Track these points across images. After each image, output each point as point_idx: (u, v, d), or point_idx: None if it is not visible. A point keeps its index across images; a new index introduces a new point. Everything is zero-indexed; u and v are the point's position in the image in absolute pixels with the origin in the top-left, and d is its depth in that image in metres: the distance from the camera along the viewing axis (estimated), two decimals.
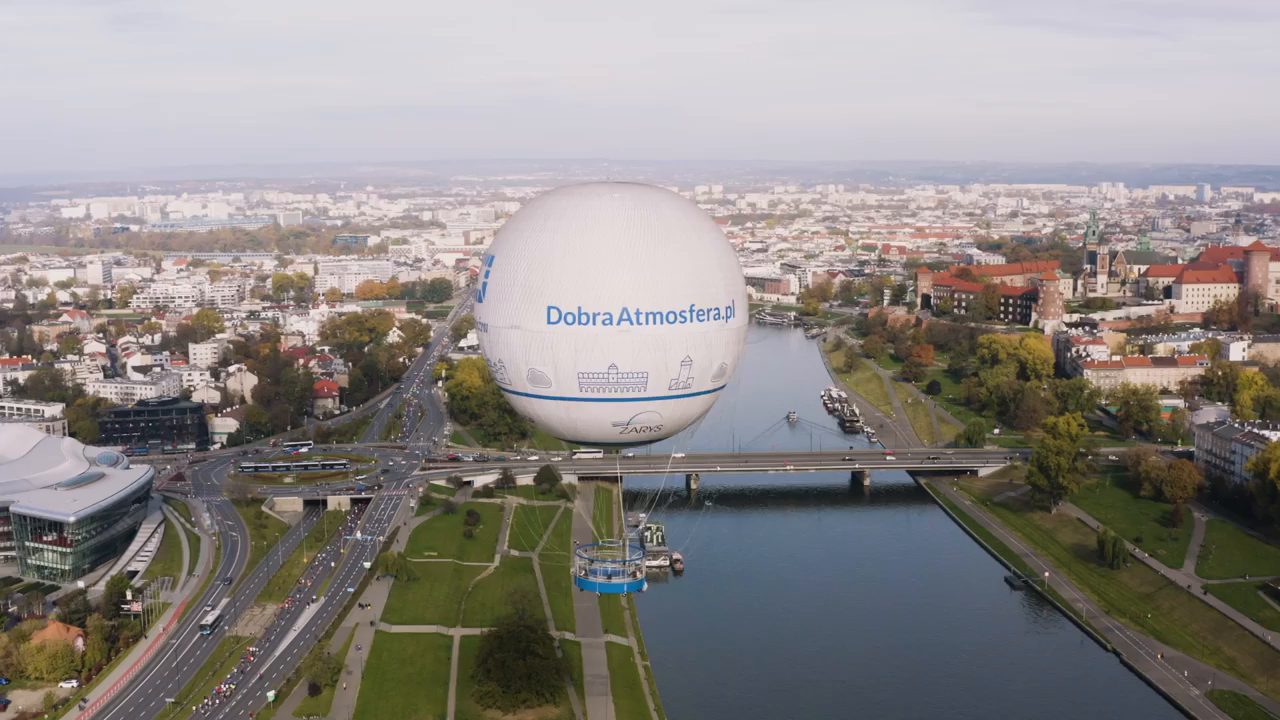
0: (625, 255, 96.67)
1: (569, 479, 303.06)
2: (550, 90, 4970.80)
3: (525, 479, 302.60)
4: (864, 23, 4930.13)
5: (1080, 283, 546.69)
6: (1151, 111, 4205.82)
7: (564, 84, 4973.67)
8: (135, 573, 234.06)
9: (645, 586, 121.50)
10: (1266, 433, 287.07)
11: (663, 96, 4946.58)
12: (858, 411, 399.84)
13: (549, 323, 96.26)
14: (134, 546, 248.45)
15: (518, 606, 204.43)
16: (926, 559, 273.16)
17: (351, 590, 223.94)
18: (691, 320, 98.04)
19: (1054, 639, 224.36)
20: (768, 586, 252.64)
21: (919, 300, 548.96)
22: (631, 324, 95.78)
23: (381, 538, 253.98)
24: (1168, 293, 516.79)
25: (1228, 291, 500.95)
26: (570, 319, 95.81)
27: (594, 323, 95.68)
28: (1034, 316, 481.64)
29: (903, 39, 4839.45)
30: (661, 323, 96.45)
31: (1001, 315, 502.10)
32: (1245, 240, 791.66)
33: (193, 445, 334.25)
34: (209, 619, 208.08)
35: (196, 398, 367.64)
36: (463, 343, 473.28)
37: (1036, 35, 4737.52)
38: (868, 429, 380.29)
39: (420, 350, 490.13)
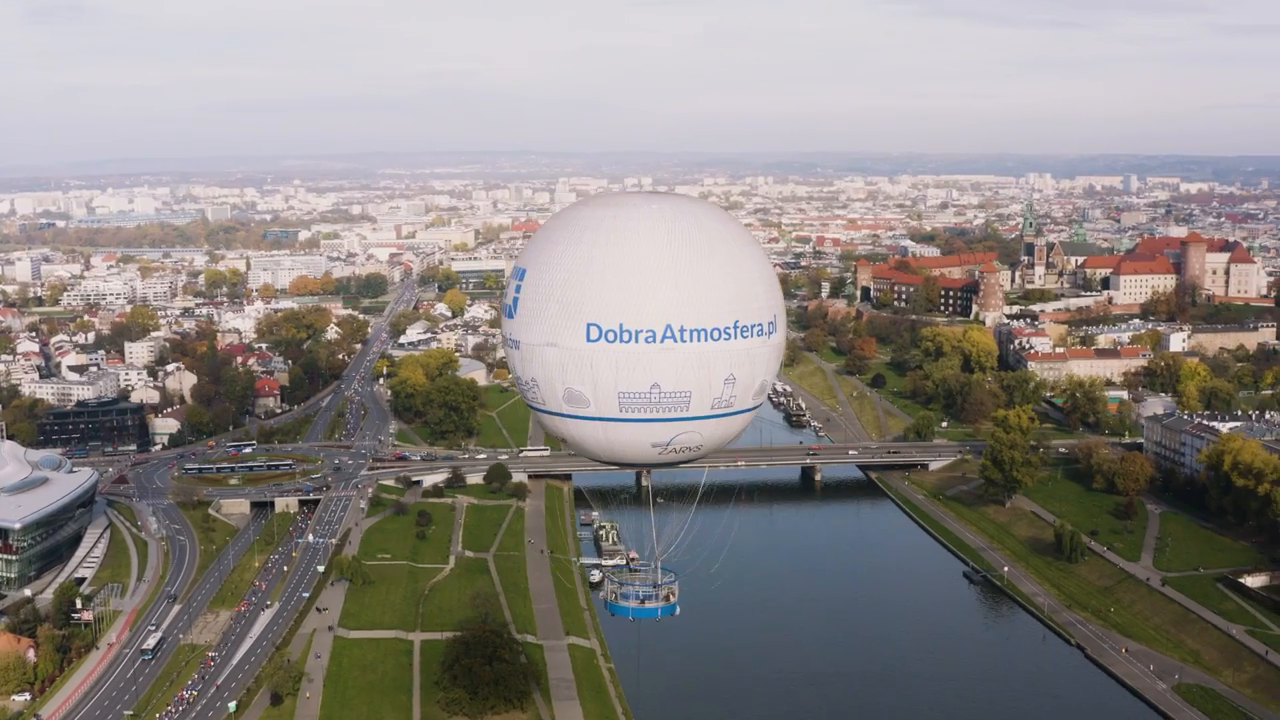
0: (668, 270, 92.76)
1: (519, 477, 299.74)
2: (477, 82, 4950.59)
3: (475, 478, 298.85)
4: (791, 14, 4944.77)
5: (1018, 274, 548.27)
6: (1076, 103, 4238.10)
7: (491, 76, 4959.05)
8: (83, 579, 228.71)
9: (678, 610, 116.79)
10: (1216, 424, 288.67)
11: (590, 88, 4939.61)
12: (804, 406, 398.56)
13: (588, 340, 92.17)
14: (80, 553, 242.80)
15: (480, 611, 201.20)
16: (883, 554, 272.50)
17: (306, 595, 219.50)
18: (736, 337, 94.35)
19: (1017, 634, 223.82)
20: (726, 584, 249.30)
21: (859, 293, 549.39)
22: (675, 342, 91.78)
23: (333, 540, 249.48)
24: (1105, 284, 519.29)
25: (1165, 282, 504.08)
26: (611, 337, 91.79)
27: (636, 340, 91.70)
28: (975, 308, 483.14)
29: (829, 31, 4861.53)
30: (706, 340, 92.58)
31: (942, 307, 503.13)
32: (1176, 230, 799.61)
33: (134, 447, 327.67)
34: (150, 642, 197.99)
35: (135, 398, 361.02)
36: (403, 339, 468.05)
37: (962, 27, 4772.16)
38: (814, 423, 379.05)
39: (359, 347, 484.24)
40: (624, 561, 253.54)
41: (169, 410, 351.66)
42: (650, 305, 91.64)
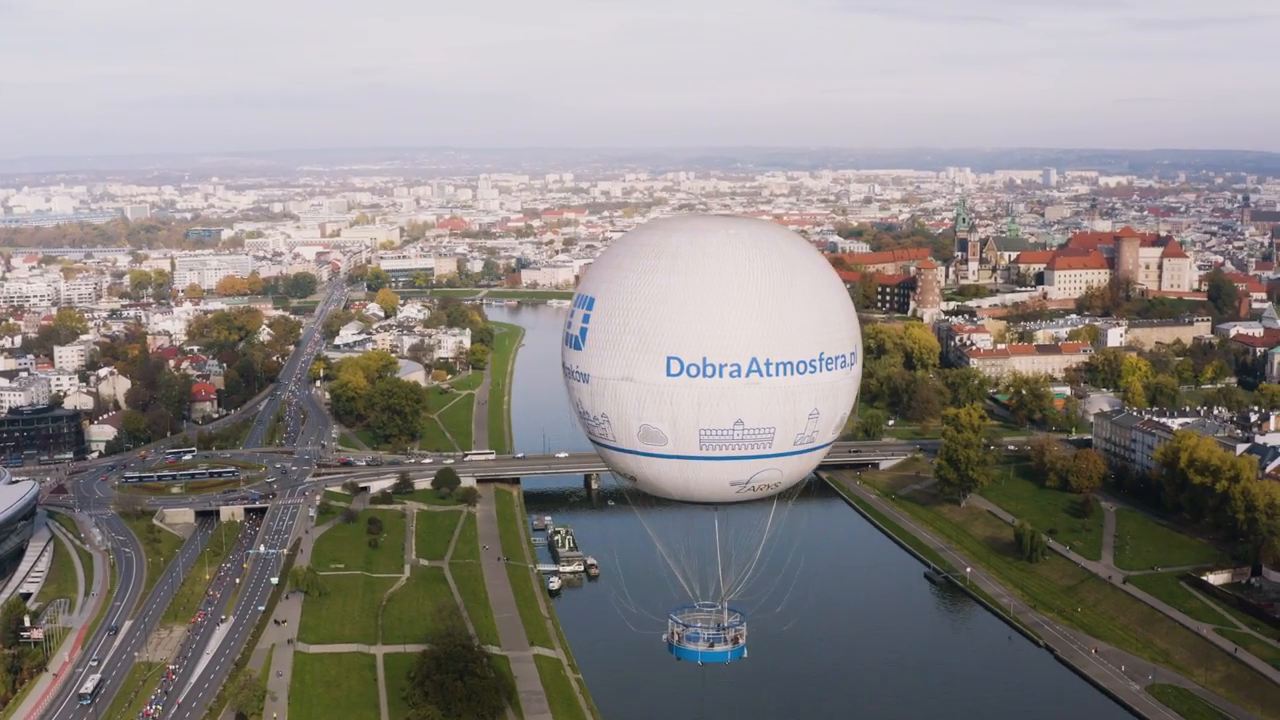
0: (753, 300, 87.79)
1: (468, 482, 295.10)
2: (394, 78, 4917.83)
3: (423, 483, 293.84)
4: (709, 9, 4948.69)
5: (952, 270, 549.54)
6: (993, 97, 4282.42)
7: (408, 72, 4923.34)
8: (28, 595, 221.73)
9: (746, 653, 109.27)
10: (1166, 421, 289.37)
11: (509, 84, 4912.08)
12: None
13: (669, 375, 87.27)
14: (23, 567, 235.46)
15: (446, 624, 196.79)
16: (840, 555, 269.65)
17: (262, 609, 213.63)
18: (821, 370, 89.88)
19: (983, 636, 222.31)
20: (684, 587, 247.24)
21: None
22: (761, 376, 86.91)
23: (284, 551, 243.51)
24: (1039, 279, 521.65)
25: (1099, 277, 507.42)
26: (694, 371, 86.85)
27: (720, 375, 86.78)
28: (912, 305, 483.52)
29: (747, 25, 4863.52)
30: (792, 374, 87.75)
31: (879, 304, 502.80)
32: (1101, 225, 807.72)
33: (70, 455, 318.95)
34: (88, 685, 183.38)
35: (68, 403, 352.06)
36: (338, 340, 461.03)
37: (879, 22, 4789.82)
38: None
39: (291, 348, 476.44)
40: (582, 568, 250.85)
41: (105, 416, 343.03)
42: (735, 338, 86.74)
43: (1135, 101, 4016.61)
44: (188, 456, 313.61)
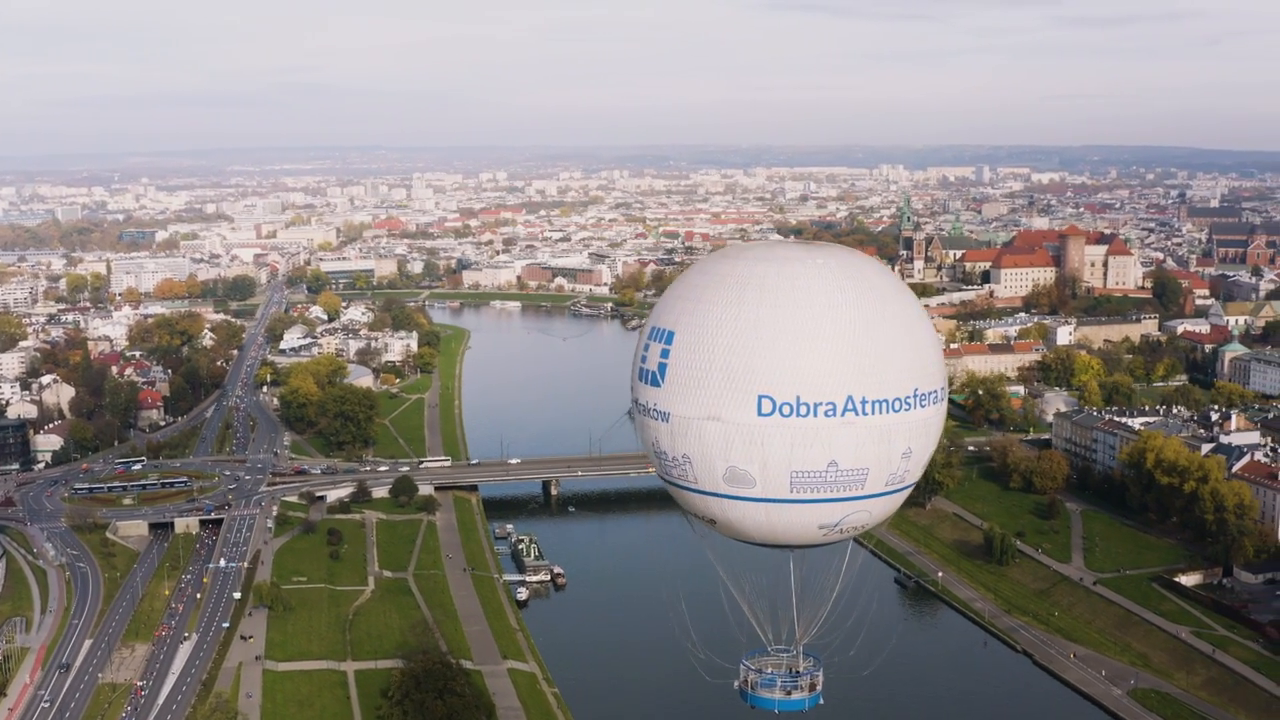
0: (847, 335, 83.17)
1: (425, 489, 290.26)
2: (324, 77, 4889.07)
3: (380, 491, 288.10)
4: (639, 7, 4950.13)
5: (897, 269, 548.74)
6: (923, 94, 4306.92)
7: (337, 71, 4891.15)
8: None
9: (823, 700, 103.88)
10: (1127, 420, 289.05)
11: (438, 82, 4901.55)
12: None
13: (760, 415, 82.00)
14: None
15: (421, 640, 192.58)
16: (806, 558, 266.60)
17: (226, 625, 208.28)
18: (915, 407, 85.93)
19: (959, 641, 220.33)
20: (652, 593, 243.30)
21: None
22: (856, 415, 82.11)
23: (244, 564, 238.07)
24: (985, 277, 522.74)
25: (1045, 275, 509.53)
26: (787, 410, 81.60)
27: (815, 414, 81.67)
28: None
29: (677, 24, 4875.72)
30: (887, 412, 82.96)
31: None
32: (1039, 221, 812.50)
33: (16, 466, 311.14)
34: None
35: (11, 412, 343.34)
36: (283, 345, 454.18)
37: (809, 20, 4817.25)
38: None
39: (235, 353, 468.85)
40: (549, 577, 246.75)
41: (50, 426, 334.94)
42: (830, 375, 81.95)
43: (1064, 98, 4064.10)
44: (137, 466, 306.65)
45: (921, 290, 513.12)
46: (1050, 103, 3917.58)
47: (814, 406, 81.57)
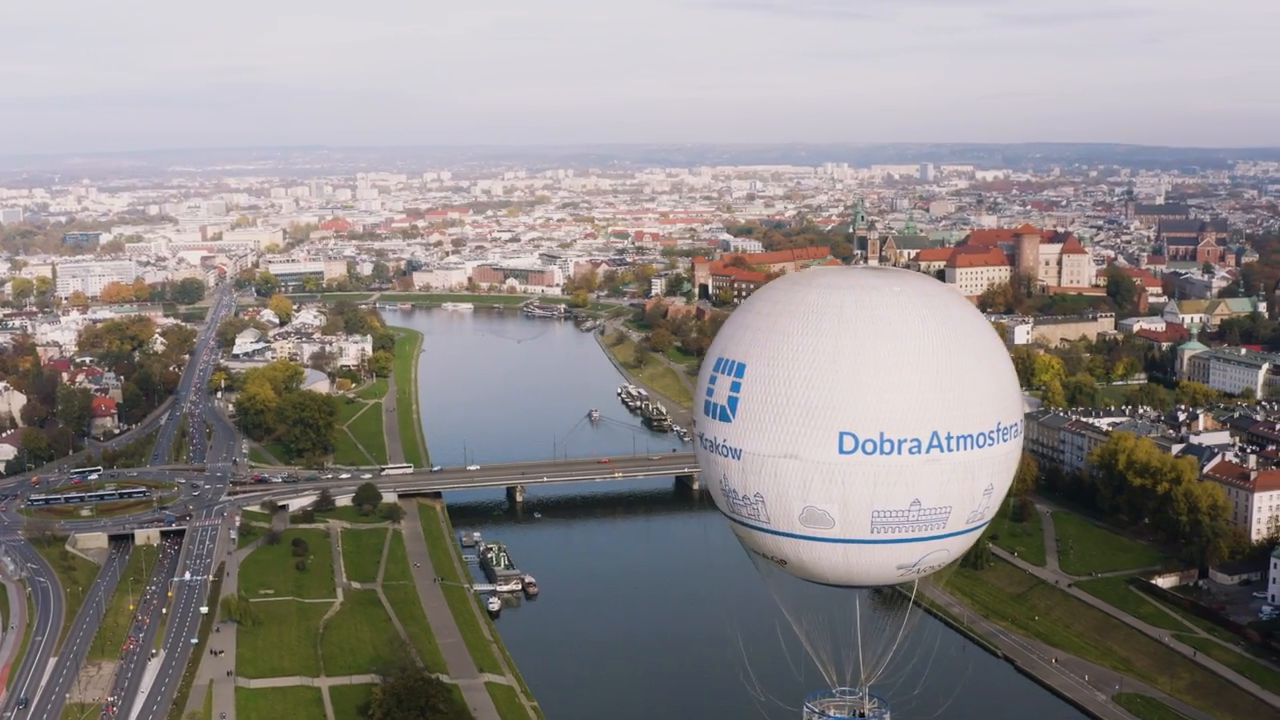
0: (930, 368, 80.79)
1: (389, 497, 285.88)
2: (266, 76, 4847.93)
3: (344, 499, 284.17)
4: (582, 6, 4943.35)
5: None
6: (865, 92, 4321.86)
7: (278, 71, 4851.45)
8: None
9: None
10: (1094, 421, 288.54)
11: (380, 81, 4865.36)
12: (664, 410, 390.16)
13: (841, 452, 79.57)
14: None
15: (398, 655, 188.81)
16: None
17: (195, 641, 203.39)
18: (998, 441, 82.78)
19: (938, 647, 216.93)
20: (627, 600, 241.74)
21: (697, 290, 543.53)
22: (941, 451, 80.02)
23: (209, 577, 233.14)
24: (940, 276, 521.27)
25: (1000, 274, 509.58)
26: (870, 447, 79.26)
27: (899, 451, 79.49)
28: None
29: (619, 23, 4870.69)
30: (971, 448, 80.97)
31: None
32: (988, 219, 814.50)
33: None
34: None
35: None
36: (236, 349, 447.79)
37: (751, 18, 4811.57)
38: (678, 427, 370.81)
39: (186, 358, 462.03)
40: (519, 587, 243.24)
41: (3, 435, 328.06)
42: (915, 410, 79.73)
43: (1006, 96, 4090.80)
44: (94, 476, 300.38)
45: None
46: (993, 100, 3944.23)
47: (898, 443, 78.78)
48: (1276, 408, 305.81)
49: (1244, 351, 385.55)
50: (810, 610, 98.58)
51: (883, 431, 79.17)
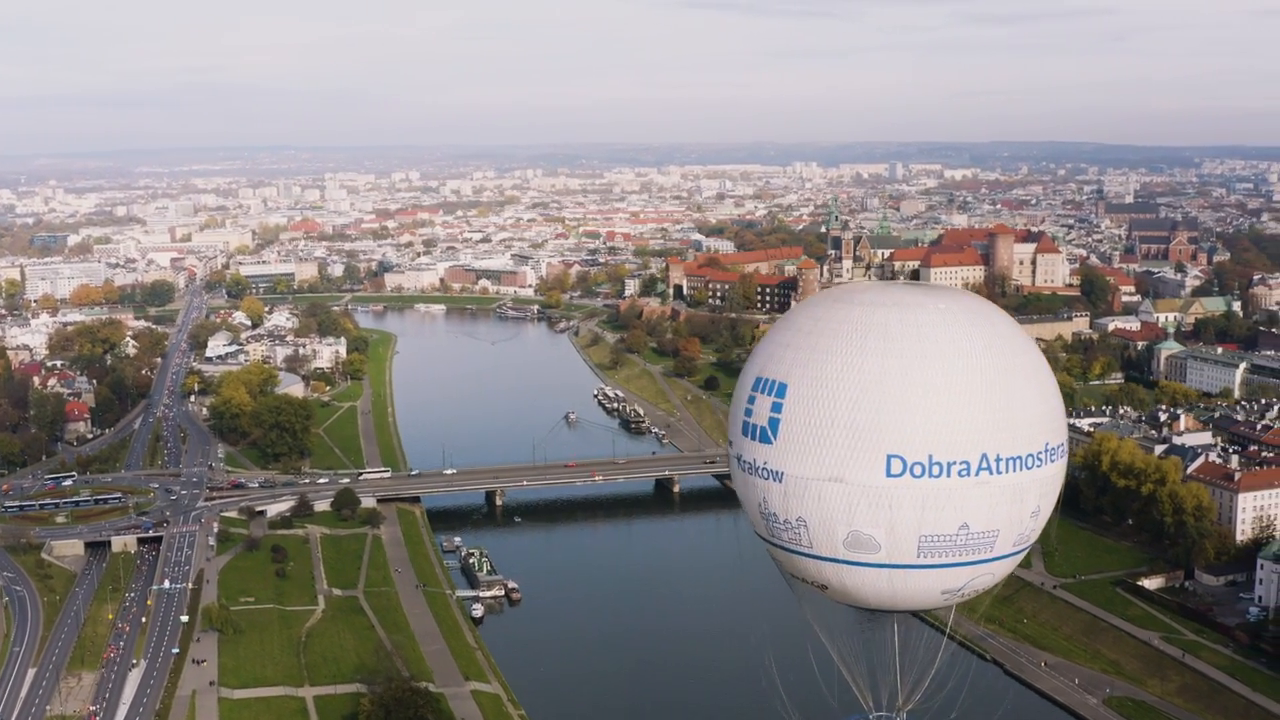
0: (980, 387, 78.77)
1: (368, 502, 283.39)
2: (232, 76, 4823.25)
3: (322, 504, 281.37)
4: (549, 6, 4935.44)
5: (825, 268, 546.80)
6: (832, 91, 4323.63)
7: (244, 70, 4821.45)
8: None
9: None
10: (1074, 421, 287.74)
11: (346, 81, 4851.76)
12: (641, 412, 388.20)
13: (889, 475, 77.26)
14: None
15: (384, 664, 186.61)
16: (762, 569, 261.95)
17: (176, 651, 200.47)
18: (1046, 463, 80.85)
19: (924, 650, 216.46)
20: (612, 606, 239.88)
21: (672, 291, 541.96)
22: (990, 474, 77.97)
23: (189, 585, 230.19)
24: (914, 276, 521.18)
25: (974, 274, 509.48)
26: (918, 470, 77.01)
27: (948, 474, 77.26)
28: (793, 305, 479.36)
29: (586, 22, 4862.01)
30: (1020, 470, 79.02)
31: (760, 305, 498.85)
32: (959, 218, 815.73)
33: None
34: None
35: None
36: (209, 352, 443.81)
37: (718, 17, 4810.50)
38: (655, 429, 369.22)
39: (159, 361, 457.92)
40: (503, 592, 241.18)
41: None
42: (965, 431, 77.59)
43: (972, 95, 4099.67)
44: (68, 482, 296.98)
45: None
46: (959, 99, 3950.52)
47: (947, 466, 76.84)
48: (1256, 407, 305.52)
49: (1220, 351, 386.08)
50: (845, 635, 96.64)
51: (931, 454, 77.20)
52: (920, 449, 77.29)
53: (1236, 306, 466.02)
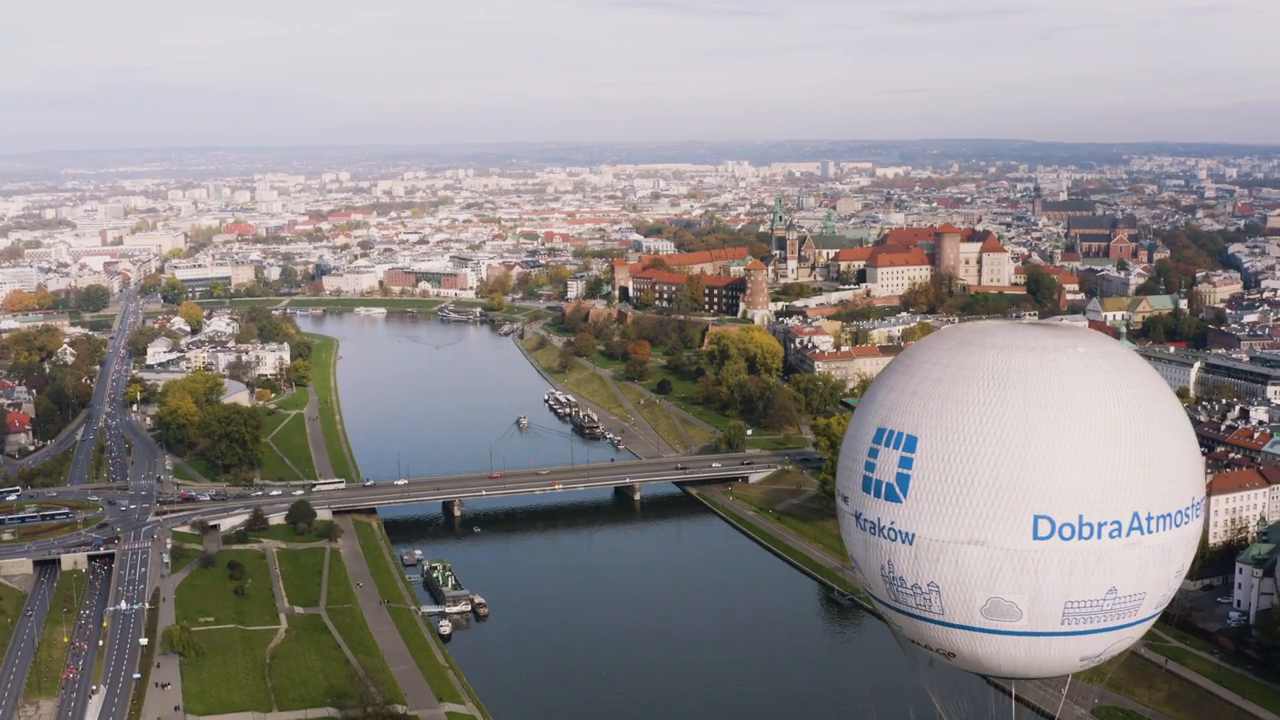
0: (1130, 441, 72.92)
1: (323, 514, 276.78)
2: (156, 76, 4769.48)
3: (276, 517, 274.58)
4: (478, 4, 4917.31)
5: (771, 269, 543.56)
6: (761, 90, 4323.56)
7: (169, 70, 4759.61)
8: None
9: None
10: None
11: (274, 80, 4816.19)
12: (595, 417, 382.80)
13: (1036, 538, 71.75)
14: None
15: (353, 686, 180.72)
16: (734, 577, 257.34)
17: (137, 676, 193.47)
18: (1191, 519, 75.95)
19: (906, 660, 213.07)
20: (580, 617, 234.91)
21: (617, 293, 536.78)
22: (1142, 534, 72.60)
23: (145, 605, 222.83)
24: (861, 276, 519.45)
25: (921, 274, 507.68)
26: (1068, 532, 71.46)
27: (1099, 536, 71.85)
28: (742, 306, 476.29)
29: (516, 21, 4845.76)
30: (1170, 528, 73.63)
31: (707, 306, 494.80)
32: (895, 217, 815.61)
33: None
34: None
35: None
36: (149, 360, 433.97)
37: (647, 16, 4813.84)
38: (610, 435, 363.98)
39: (97, 369, 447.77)
40: (469, 607, 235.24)
41: None
42: (1116, 489, 71.95)
43: (901, 93, 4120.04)
44: (12, 497, 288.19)
45: (799, 290, 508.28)
46: (889, 97, 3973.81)
47: (1097, 527, 71.48)
48: (1217, 408, 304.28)
49: (1173, 350, 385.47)
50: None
51: (1082, 514, 71.91)
52: (1070, 509, 72.01)
53: (1184, 304, 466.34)
